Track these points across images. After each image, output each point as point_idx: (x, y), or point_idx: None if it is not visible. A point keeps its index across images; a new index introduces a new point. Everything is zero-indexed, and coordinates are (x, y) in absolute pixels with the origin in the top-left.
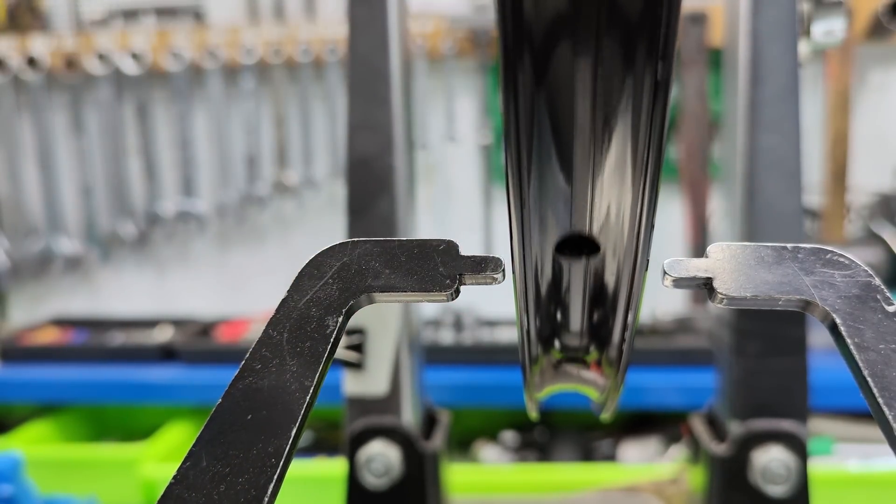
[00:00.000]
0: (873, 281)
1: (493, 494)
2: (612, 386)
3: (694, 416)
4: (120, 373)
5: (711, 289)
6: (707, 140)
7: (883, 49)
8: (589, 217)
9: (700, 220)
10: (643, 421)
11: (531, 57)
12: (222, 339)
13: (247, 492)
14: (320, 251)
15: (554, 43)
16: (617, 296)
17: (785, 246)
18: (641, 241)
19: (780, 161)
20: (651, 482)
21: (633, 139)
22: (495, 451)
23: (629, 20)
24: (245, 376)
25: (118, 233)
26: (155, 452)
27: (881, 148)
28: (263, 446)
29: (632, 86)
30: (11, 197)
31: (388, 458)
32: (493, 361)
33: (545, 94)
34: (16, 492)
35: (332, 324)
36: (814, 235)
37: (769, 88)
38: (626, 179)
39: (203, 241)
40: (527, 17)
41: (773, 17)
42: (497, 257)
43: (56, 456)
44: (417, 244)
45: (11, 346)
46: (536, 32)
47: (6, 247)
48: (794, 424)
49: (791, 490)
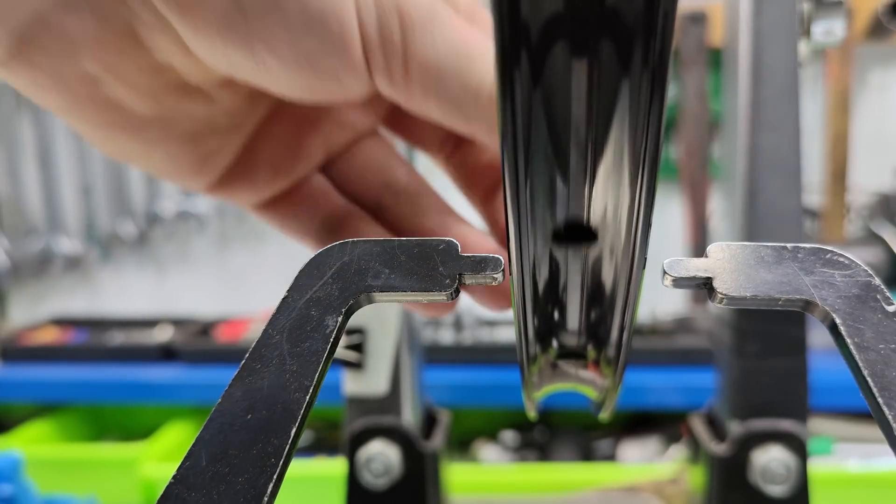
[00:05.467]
0: (873, 281)
1: (493, 494)
2: (611, 385)
3: (694, 416)
4: (120, 373)
5: (711, 289)
6: (707, 140)
7: (883, 49)
8: (586, 215)
9: (700, 220)
10: (643, 421)
11: (527, 56)
12: (222, 338)
13: (247, 491)
14: (320, 251)
15: (550, 42)
16: (615, 294)
17: (785, 246)
18: (639, 239)
19: (781, 161)
20: (651, 482)
21: (630, 138)
22: (495, 451)
23: (625, 18)
24: (245, 376)
25: (118, 233)
26: (155, 452)
27: (881, 148)
28: (263, 446)
29: (628, 84)
30: (11, 197)
31: (387, 458)
32: (492, 361)
33: (541, 93)
34: (16, 491)
35: (331, 324)
36: (814, 235)
37: (769, 88)
38: (623, 178)
39: (203, 241)
40: (523, 17)
41: (773, 17)
42: (497, 257)
43: (56, 456)
44: (417, 244)
45: (11, 346)
46: (532, 32)
47: (6, 246)
48: (794, 424)
49: (791, 490)
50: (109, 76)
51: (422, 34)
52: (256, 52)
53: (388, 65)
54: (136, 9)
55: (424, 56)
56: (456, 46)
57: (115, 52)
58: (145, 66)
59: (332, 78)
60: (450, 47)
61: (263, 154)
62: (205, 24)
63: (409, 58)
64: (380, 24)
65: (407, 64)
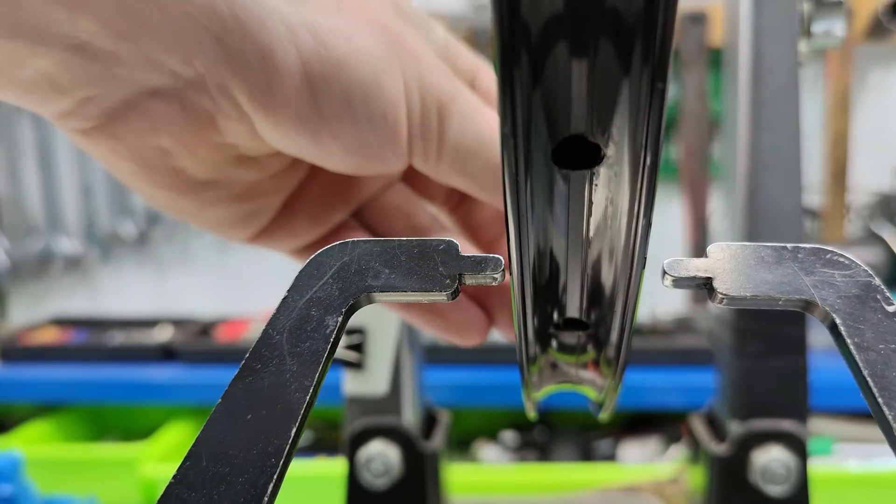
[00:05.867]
0: (873, 281)
1: (493, 494)
2: (611, 385)
3: (694, 416)
4: (120, 372)
5: (711, 289)
6: (707, 140)
7: (883, 49)
8: (587, 214)
9: (700, 220)
10: (643, 421)
11: (527, 56)
12: (222, 338)
13: (247, 492)
14: (320, 251)
15: (550, 42)
16: (615, 294)
17: (785, 246)
18: (639, 239)
19: (781, 161)
20: (651, 482)
21: (631, 137)
22: (495, 451)
23: (626, 19)
24: (245, 376)
25: (118, 233)
26: (155, 452)
27: (881, 148)
28: (263, 446)
29: (629, 83)
30: (11, 197)
31: (387, 458)
32: (492, 361)
33: (541, 92)
34: (16, 491)
35: (331, 324)
36: (814, 235)
37: (769, 88)
38: (623, 178)
39: (203, 241)
40: (523, 17)
41: (773, 17)
42: (497, 257)
43: (56, 456)
44: (417, 244)
45: (11, 346)
46: (532, 32)
47: (6, 247)
48: (794, 424)
49: (791, 490)
50: (181, 149)
51: (454, 125)
52: (324, 141)
53: (426, 149)
54: (219, 102)
55: (455, 143)
56: (480, 133)
57: (192, 134)
58: (214, 144)
59: (381, 160)
60: (476, 134)
61: (302, 207)
62: (284, 121)
63: (443, 144)
64: (422, 118)
65: (441, 149)
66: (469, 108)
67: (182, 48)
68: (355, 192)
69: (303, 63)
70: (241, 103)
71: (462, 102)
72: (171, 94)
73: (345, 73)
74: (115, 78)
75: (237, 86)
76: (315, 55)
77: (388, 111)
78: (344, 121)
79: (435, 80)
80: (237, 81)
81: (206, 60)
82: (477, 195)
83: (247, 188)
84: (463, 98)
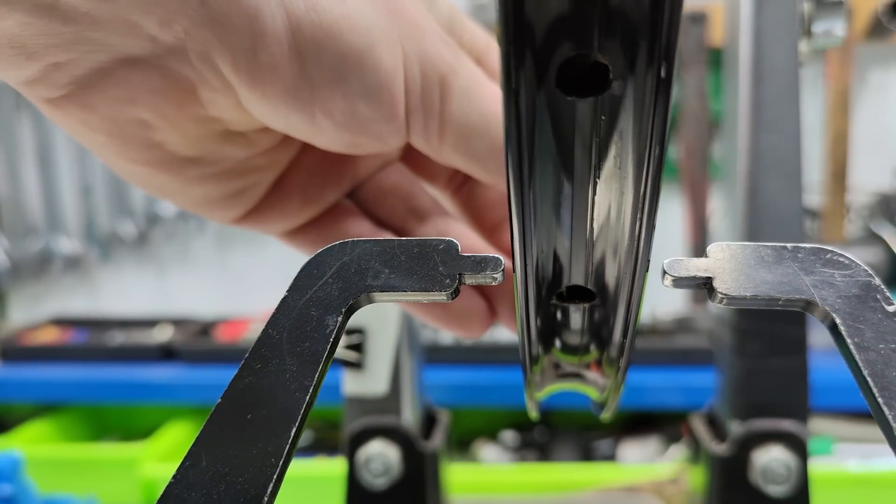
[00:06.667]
0: (873, 281)
1: (493, 494)
2: (613, 386)
3: (694, 416)
4: (120, 372)
5: (711, 289)
6: (707, 140)
7: (883, 49)
8: (590, 216)
9: (700, 220)
10: (643, 421)
11: (532, 56)
12: (222, 338)
13: (247, 491)
14: (320, 251)
15: (555, 42)
16: (618, 295)
17: (785, 246)
18: (643, 240)
19: (781, 161)
20: (651, 482)
21: (635, 139)
22: (495, 451)
23: (631, 20)
24: (245, 376)
25: (118, 233)
26: (155, 452)
27: (881, 148)
28: (263, 446)
29: (633, 85)
30: (11, 197)
31: (387, 458)
32: (492, 361)
33: (545, 93)
34: (15, 491)
35: (331, 323)
36: (814, 235)
37: (770, 88)
38: (627, 179)
39: (203, 241)
40: (527, 17)
41: (773, 17)
42: (497, 256)
43: (56, 455)
44: (417, 244)
45: (11, 346)
46: (537, 32)
47: (6, 247)
48: (794, 424)
49: (791, 490)
50: (160, 122)
51: (457, 102)
52: (314, 116)
53: (426, 127)
54: (202, 72)
55: (458, 121)
56: (486, 111)
57: (173, 106)
58: (197, 117)
59: (376, 137)
60: (481, 112)
61: (294, 185)
62: (272, 92)
63: (445, 121)
64: (423, 94)
65: (442, 126)
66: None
67: (162, 7)
68: (350, 170)
69: (291, 28)
70: (224, 72)
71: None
72: (149, 61)
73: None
74: (89, 42)
75: (220, 53)
76: (305, 20)
77: (384, 83)
78: (336, 93)
79: (437, 52)
80: (220, 48)
81: (188, 22)
82: (481, 177)
83: (234, 166)
84: (467, 73)
